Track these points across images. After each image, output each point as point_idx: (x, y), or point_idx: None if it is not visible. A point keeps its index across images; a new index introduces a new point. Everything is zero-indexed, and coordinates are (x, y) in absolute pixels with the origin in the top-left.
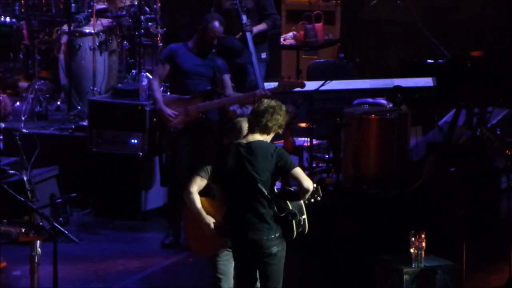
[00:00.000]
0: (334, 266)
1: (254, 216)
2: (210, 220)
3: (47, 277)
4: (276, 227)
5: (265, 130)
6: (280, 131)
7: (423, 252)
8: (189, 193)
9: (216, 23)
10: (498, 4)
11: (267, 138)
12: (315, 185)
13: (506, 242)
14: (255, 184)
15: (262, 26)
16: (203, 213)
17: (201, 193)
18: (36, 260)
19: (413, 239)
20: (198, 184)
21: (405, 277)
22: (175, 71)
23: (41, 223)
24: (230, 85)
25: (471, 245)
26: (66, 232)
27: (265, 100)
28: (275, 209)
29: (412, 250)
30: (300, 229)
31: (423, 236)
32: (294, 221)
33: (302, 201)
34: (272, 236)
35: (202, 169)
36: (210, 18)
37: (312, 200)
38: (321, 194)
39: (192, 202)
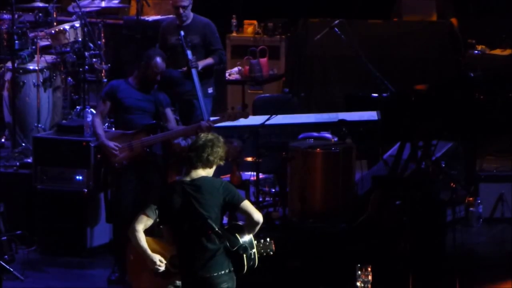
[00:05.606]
0: None
1: (204, 253)
2: (156, 258)
3: None
4: (228, 263)
5: (207, 164)
6: (222, 163)
7: (369, 286)
8: (135, 231)
9: (158, 59)
10: (442, 39)
11: (210, 171)
12: (268, 239)
13: (452, 275)
14: (204, 221)
15: (208, 61)
16: (149, 251)
17: (146, 232)
18: None
19: (359, 272)
20: (144, 223)
21: None
22: (117, 107)
23: None
24: (172, 119)
25: (417, 278)
26: (12, 270)
27: (202, 135)
28: (227, 244)
29: (358, 284)
30: (251, 263)
31: (369, 269)
32: (245, 255)
33: (251, 235)
34: (222, 272)
35: (149, 208)
36: (152, 54)
37: (265, 254)
38: (273, 249)
39: (138, 241)
